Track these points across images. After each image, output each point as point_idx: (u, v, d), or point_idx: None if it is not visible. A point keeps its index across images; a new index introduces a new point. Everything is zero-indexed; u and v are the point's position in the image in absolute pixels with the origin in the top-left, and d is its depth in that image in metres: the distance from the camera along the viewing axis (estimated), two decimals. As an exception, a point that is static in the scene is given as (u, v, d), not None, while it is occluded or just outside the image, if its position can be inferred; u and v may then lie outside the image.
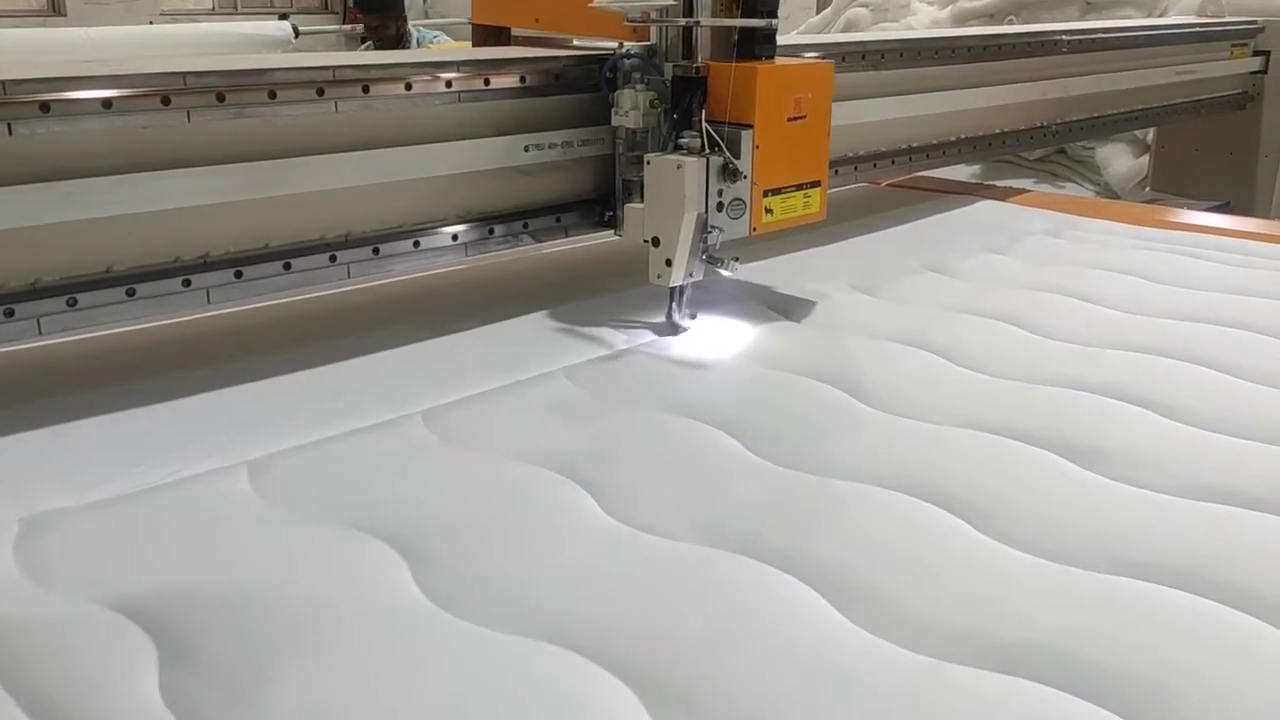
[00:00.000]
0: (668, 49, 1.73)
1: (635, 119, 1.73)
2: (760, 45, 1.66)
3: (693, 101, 1.67)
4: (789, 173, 1.72)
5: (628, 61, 1.77)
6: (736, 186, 1.66)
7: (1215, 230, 2.45)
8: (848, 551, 1.07)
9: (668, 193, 1.65)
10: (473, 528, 1.12)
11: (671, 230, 1.65)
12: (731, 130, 1.64)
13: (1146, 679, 0.87)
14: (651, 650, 0.91)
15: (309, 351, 1.59)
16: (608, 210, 1.89)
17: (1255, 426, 1.36)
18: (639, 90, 1.72)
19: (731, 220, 1.67)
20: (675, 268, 1.66)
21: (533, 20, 2.11)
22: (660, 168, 1.66)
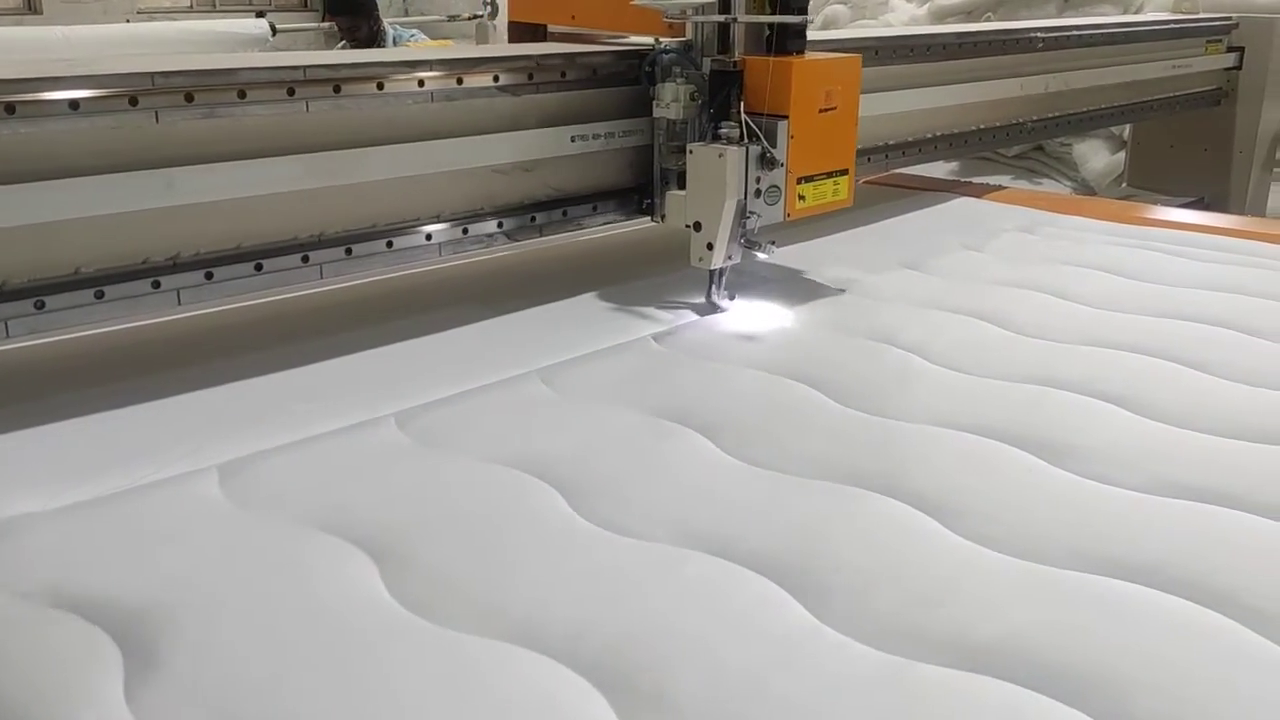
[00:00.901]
0: (703, 44, 1.83)
1: (676, 111, 1.82)
2: (792, 40, 1.75)
3: (730, 94, 1.76)
4: (821, 161, 1.82)
5: (666, 56, 1.86)
6: (773, 174, 1.75)
7: (1189, 226, 2.47)
8: (819, 550, 1.07)
9: (709, 180, 1.74)
10: (444, 531, 1.11)
11: (713, 215, 1.74)
12: (768, 121, 1.73)
13: (1114, 676, 0.87)
14: (622, 652, 0.91)
15: (282, 352, 1.58)
16: (646, 198, 1.98)
17: (1227, 423, 1.37)
18: (679, 84, 1.81)
19: (768, 206, 1.76)
20: (716, 251, 1.75)
21: (569, 17, 2.22)
22: (703, 156, 1.75)
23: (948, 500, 1.17)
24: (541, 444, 1.32)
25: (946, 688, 0.86)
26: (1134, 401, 1.43)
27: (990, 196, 2.80)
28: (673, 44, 1.88)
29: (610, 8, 2.04)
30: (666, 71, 1.86)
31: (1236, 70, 3.88)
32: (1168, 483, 1.21)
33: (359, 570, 1.04)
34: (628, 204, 2.01)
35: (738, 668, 0.89)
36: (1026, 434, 1.33)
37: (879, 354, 1.63)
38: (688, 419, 1.38)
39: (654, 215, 2.00)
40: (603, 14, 2.11)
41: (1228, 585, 1.01)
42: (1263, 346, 1.66)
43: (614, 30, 2.13)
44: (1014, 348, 1.65)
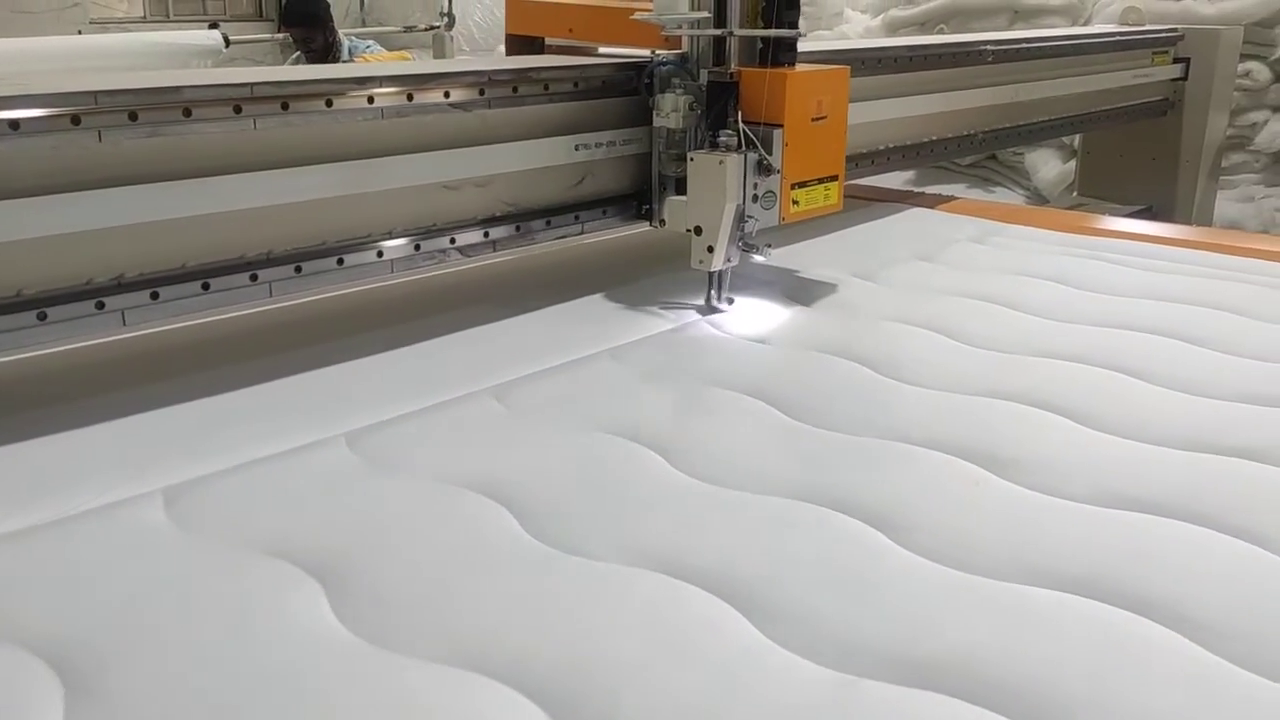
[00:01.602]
0: (699, 57, 1.93)
1: (676, 120, 1.91)
2: (784, 53, 1.86)
3: (726, 104, 1.84)
4: (813, 167, 1.92)
5: (664, 68, 1.95)
6: (769, 180, 1.84)
7: (1136, 236, 2.50)
8: (767, 567, 1.07)
9: (710, 186, 1.82)
10: (392, 554, 1.10)
11: (713, 220, 1.82)
12: (764, 129, 1.83)
13: (1054, 690, 0.88)
14: (570, 675, 0.90)
15: (231, 372, 1.56)
16: (644, 204, 2.08)
17: (1169, 433, 1.39)
18: (678, 94, 1.91)
19: (765, 210, 1.86)
20: (716, 254, 1.84)
21: (566, 30, 2.30)
22: (703, 163, 1.83)
23: (896, 514, 1.18)
24: (493, 463, 1.31)
25: (892, 705, 0.87)
26: (1079, 412, 1.45)
27: (943, 207, 2.83)
28: (670, 56, 1.96)
29: (606, 21, 2.18)
30: (665, 83, 1.95)
31: (1182, 81, 3.96)
32: (1110, 494, 1.23)
33: (305, 595, 1.03)
34: (626, 210, 2.10)
35: (686, 689, 0.89)
36: (974, 446, 1.34)
37: (829, 366, 1.64)
38: (639, 435, 1.39)
39: (652, 220, 2.08)
40: (599, 27, 2.22)
41: (1168, 596, 1.02)
42: (1207, 356, 1.69)
43: (610, 43, 2.23)
44: (963, 359, 1.67)
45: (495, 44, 8.69)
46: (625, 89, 2.03)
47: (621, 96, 2.03)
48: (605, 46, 2.26)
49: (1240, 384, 1.56)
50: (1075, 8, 5.08)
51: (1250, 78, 4.60)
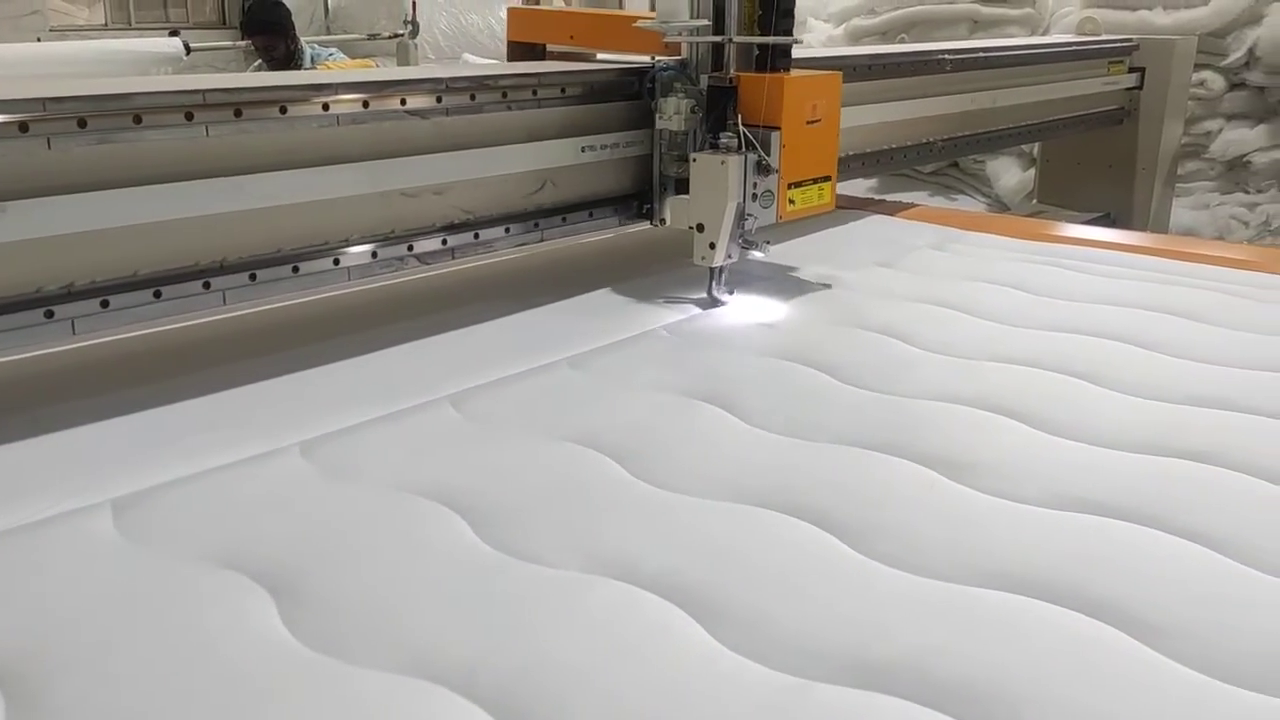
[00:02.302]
0: (698, 62, 2.03)
1: (678, 123, 2.01)
2: (779, 59, 1.95)
3: (726, 107, 1.94)
4: (808, 168, 2.02)
5: (665, 74, 2.05)
6: (767, 180, 1.93)
7: (1092, 243, 2.53)
8: (720, 573, 1.07)
9: (712, 185, 1.91)
10: (344, 563, 1.09)
11: (715, 218, 1.91)
12: (762, 132, 1.92)
13: (1004, 691, 0.89)
14: (521, 682, 0.90)
15: (184, 382, 1.54)
16: (645, 204, 2.17)
17: (1121, 436, 1.41)
18: (680, 98, 2.00)
19: (763, 209, 1.95)
20: (717, 250, 1.93)
21: (568, 37, 2.39)
22: (706, 164, 1.92)
23: (850, 519, 1.18)
24: (449, 471, 1.30)
25: (841, 708, 0.87)
26: (1032, 416, 1.46)
27: (903, 214, 2.85)
28: (670, 62, 2.06)
29: (606, 29, 2.33)
30: (666, 87, 2.05)
31: (1138, 90, 4.02)
32: (1062, 496, 1.24)
33: (255, 605, 1.02)
34: (626, 209, 2.18)
35: (636, 695, 0.89)
36: (928, 451, 1.35)
37: (787, 372, 1.64)
38: (597, 442, 1.38)
39: (652, 220, 2.18)
40: (599, 34, 2.34)
41: (1116, 597, 1.03)
42: (1159, 360, 1.71)
43: (610, 50, 2.33)
44: (918, 364, 1.68)
45: (460, 52, 8.67)
46: (626, 93, 2.12)
47: (622, 101, 2.12)
48: (604, 53, 2.35)
49: (1191, 387, 1.58)
50: (1034, 18, 5.15)
51: (1204, 87, 4.69)
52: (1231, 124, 4.76)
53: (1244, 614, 1.02)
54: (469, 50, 8.82)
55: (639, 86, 2.10)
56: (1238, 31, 4.60)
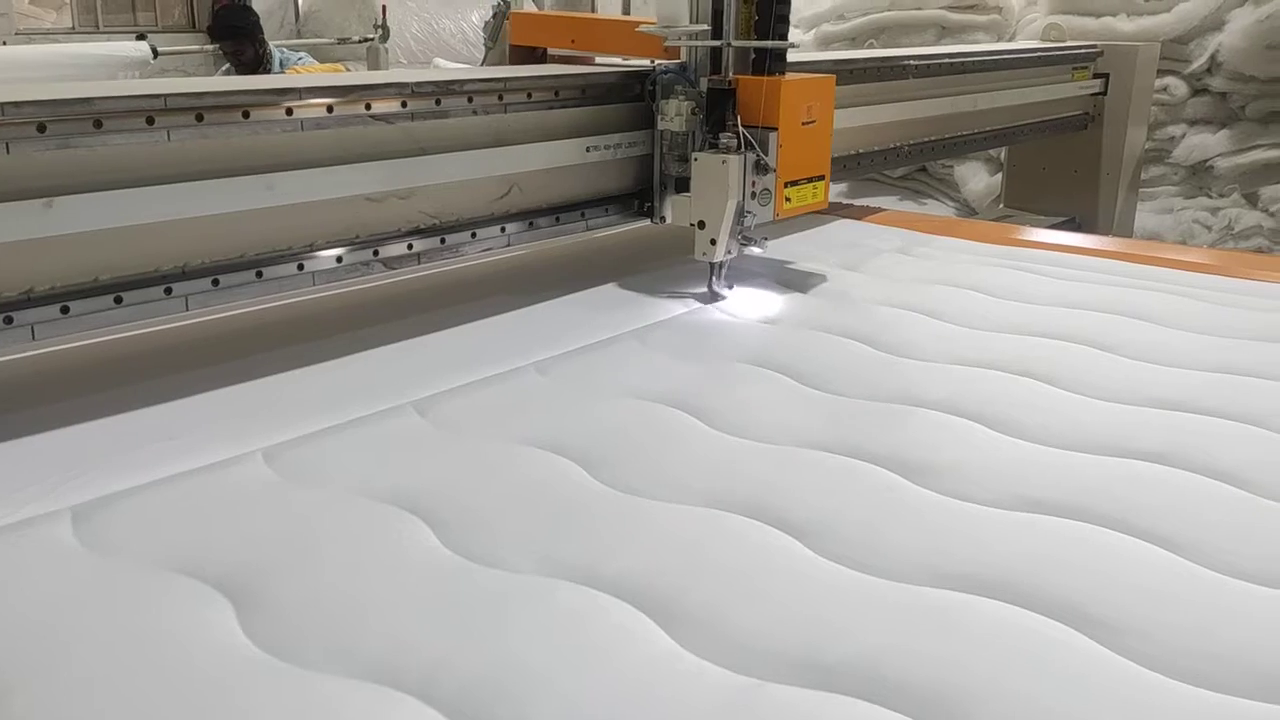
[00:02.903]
0: (697, 66, 2.11)
1: (679, 124, 2.08)
2: (775, 62, 2.02)
3: (725, 109, 2.01)
4: (803, 167, 2.09)
5: (666, 76, 2.13)
6: (765, 178, 2.01)
7: (1057, 247, 2.56)
8: (681, 575, 1.08)
9: (713, 183, 1.99)
10: (305, 569, 1.09)
11: (716, 215, 1.99)
12: (760, 132, 1.99)
13: (958, 690, 0.90)
14: (480, 686, 0.90)
15: (146, 388, 1.53)
16: (645, 202, 2.24)
17: (1080, 438, 1.42)
18: (681, 100, 2.07)
19: (761, 207, 2.03)
20: (718, 246, 2.00)
21: (569, 41, 2.48)
22: (707, 163, 2.00)
23: (810, 521, 1.19)
24: (412, 475, 1.30)
25: (796, 708, 0.88)
26: (992, 419, 1.48)
27: (870, 219, 2.87)
28: (670, 66, 2.13)
29: (607, 33, 2.43)
30: (667, 90, 2.12)
31: (1102, 96, 4.07)
32: (1021, 498, 1.25)
33: (215, 613, 1.02)
34: (627, 208, 2.25)
35: (594, 696, 0.89)
36: (889, 453, 1.36)
37: (747, 375, 1.65)
38: (561, 448, 1.39)
39: (653, 217, 2.25)
40: (599, 39, 2.43)
41: (1071, 596, 1.05)
42: (1119, 363, 1.73)
43: (610, 53, 2.41)
44: (882, 367, 1.70)
45: (432, 57, 8.65)
46: (627, 96, 2.19)
47: (623, 103, 2.19)
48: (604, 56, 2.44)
49: (1151, 390, 1.60)
50: (1000, 24, 5.20)
51: (1168, 93, 4.75)
52: (1194, 129, 4.82)
53: (1197, 613, 1.03)
54: (441, 55, 8.80)
55: (640, 89, 2.18)
56: (1200, 38, 4.66)
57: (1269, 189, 4.67)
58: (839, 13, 5.71)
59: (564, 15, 2.58)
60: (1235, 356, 1.73)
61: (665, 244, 2.39)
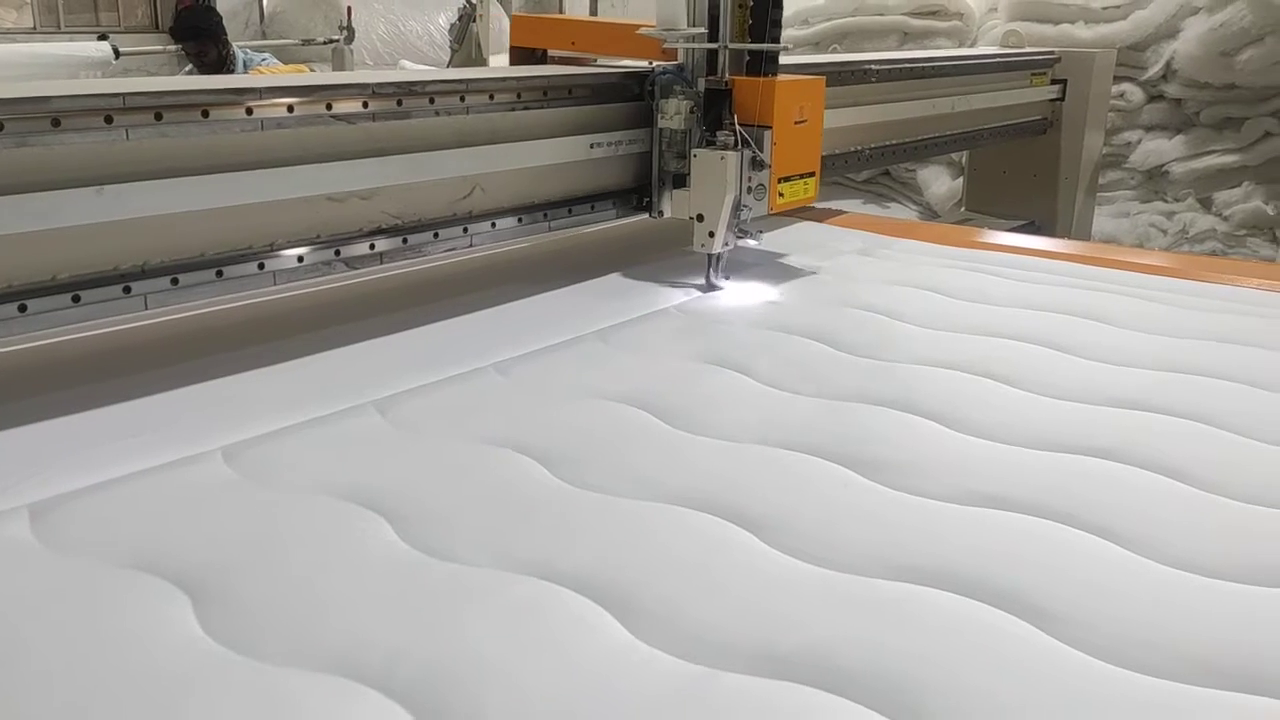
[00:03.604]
0: (694, 67, 2.22)
1: (678, 122, 2.21)
2: (768, 64, 2.13)
3: (722, 108, 2.13)
4: (796, 164, 2.22)
5: (664, 77, 2.24)
6: (760, 174, 2.12)
7: (1015, 249, 2.60)
8: (639, 569, 1.10)
9: (712, 179, 2.10)
10: (264, 565, 1.10)
11: (714, 208, 2.10)
12: (756, 130, 2.11)
13: (905, 677, 0.92)
14: (437, 676, 0.91)
15: (104, 387, 1.53)
16: (644, 197, 2.36)
17: (1032, 435, 1.45)
18: (680, 100, 2.19)
19: (756, 201, 2.14)
20: (716, 238, 2.12)
21: (569, 43, 2.59)
22: (706, 159, 2.11)
23: (767, 516, 1.21)
24: (372, 473, 1.31)
25: (748, 695, 0.89)
26: (947, 416, 1.51)
27: (832, 221, 2.90)
28: (668, 67, 2.25)
29: (605, 35, 2.55)
30: (666, 90, 2.24)
31: (1060, 101, 4.13)
32: (973, 493, 1.28)
33: (173, 609, 1.02)
34: (626, 203, 2.37)
35: (549, 685, 0.90)
36: (844, 450, 1.38)
37: (705, 374, 1.67)
38: (522, 446, 1.40)
39: (651, 212, 2.37)
40: (599, 40, 2.55)
41: (1020, 588, 1.07)
42: (1072, 362, 1.76)
43: (608, 55, 2.52)
44: (839, 366, 1.72)
45: (398, 59, 8.62)
46: (627, 95, 2.31)
47: (623, 102, 2.31)
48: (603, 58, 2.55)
49: (1103, 389, 1.63)
50: (961, 30, 5.26)
51: (1124, 99, 4.83)
52: (1150, 135, 4.90)
53: (1140, 604, 1.06)
54: (407, 57, 8.77)
55: (640, 89, 2.30)
56: (1155, 45, 4.75)
57: (1222, 194, 4.76)
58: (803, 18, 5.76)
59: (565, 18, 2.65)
60: (1187, 357, 1.76)
61: (639, 242, 2.42)
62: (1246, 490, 1.29)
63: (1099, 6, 4.79)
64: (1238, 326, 1.93)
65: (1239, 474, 1.33)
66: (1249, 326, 1.93)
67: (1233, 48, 4.42)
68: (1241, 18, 4.36)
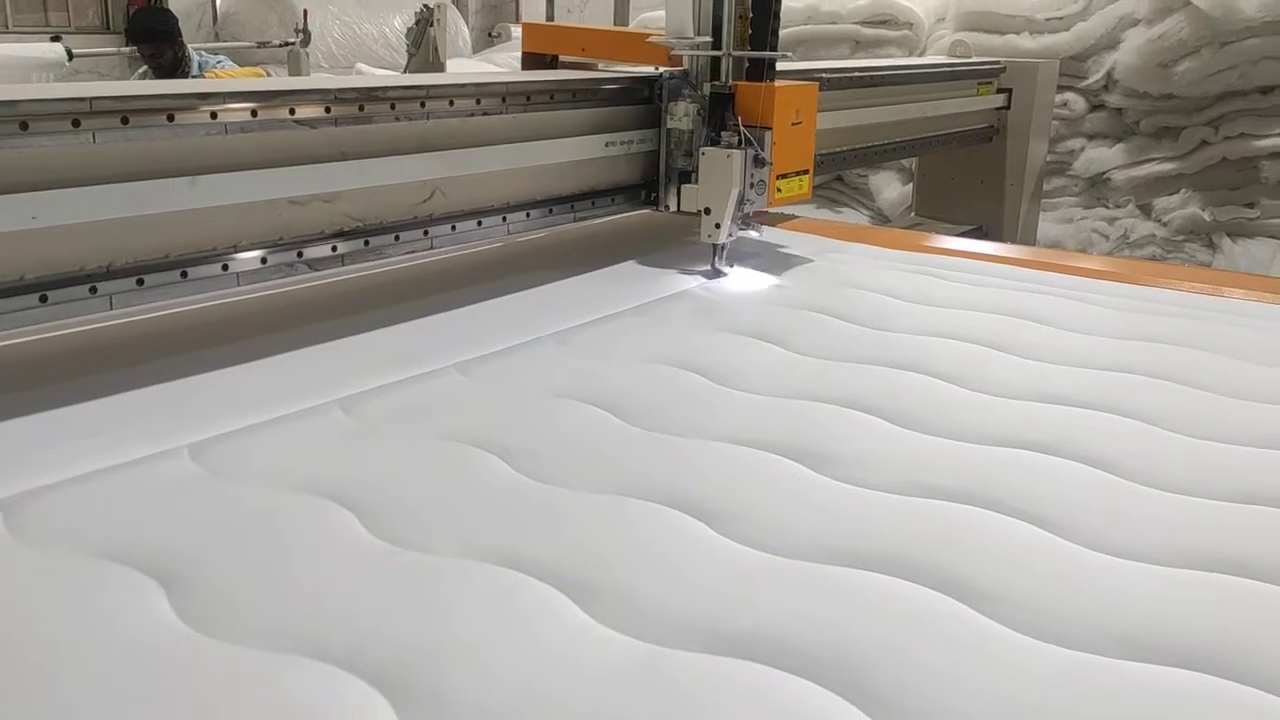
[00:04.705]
0: (698, 73, 2.41)
1: (686, 123, 2.40)
2: (767, 71, 2.34)
3: (725, 111, 2.33)
4: (792, 162, 2.41)
5: (671, 81, 2.44)
6: (761, 171, 2.31)
7: (962, 253, 2.68)
8: (598, 557, 1.15)
9: (718, 175, 2.29)
10: (233, 554, 1.13)
11: (721, 202, 2.29)
12: (758, 131, 2.30)
13: (851, 655, 0.98)
14: (402, 657, 0.96)
15: (70, 386, 1.54)
16: (651, 192, 2.56)
17: (971, 430, 1.52)
18: (687, 102, 2.38)
19: (757, 196, 2.34)
20: (722, 230, 2.30)
21: (579, 49, 2.79)
22: (714, 157, 2.30)
23: (719, 507, 1.27)
24: (338, 469, 1.35)
25: (699, 672, 0.95)
26: (892, 413, 1.57)
27: (785, 225, 2.96)
28: (674, 72, 2.44)
29: (614, 42, 2.79)
30: (674, 93, 2.43)
31: (1006, 110, 4.24)
32: (915, 484, 1.34)
33: (147, 596, 1.05)
34: (635, 197, 2.55)
35: (512, 662, 0.95)
36: (793, 444, 1.45)
37: (665, 375, 1.73)
38: (486, 443, 1.44)
39: (658, 206, 2.56)
40: (607, 47, 2.76)
41: (957, 572, 1.14)
42: (1011, 361, 1.84)
43: (617, 60, 2.70)
44: (790, 366, 1.79)
45: (354, 61, 8.60)
46: (636, 98, 2.48)
47: (632, 105, 2.48)
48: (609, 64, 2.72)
49: (1040, 386, 1.70)
50: (911, 39, 5.37)
51: (1067, 108, 4.96)
52: (1093, 143, 5.03)
53: (1065, 584, 1.13)
54: (363, 60, 8.75)
55: (649, 93, 2.48)
56: (1097, 56, 4.88)
57: (1161, 200, 4.90)
58: (758, 25, 5.83)
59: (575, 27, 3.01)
60: (1121, 356, 1.85)
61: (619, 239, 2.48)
62: (1168, 480, 1.37)
63: (1043, 18, 4.92)
64: (1171, 328, 2.02)
65: (1162, 466, 1.41)
66: (1182, 328, 2.02)
67: (1170, 59, 4.56)
68: (1179, 30, 4.50)
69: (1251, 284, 2.41)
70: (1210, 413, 1.61)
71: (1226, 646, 1.02)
